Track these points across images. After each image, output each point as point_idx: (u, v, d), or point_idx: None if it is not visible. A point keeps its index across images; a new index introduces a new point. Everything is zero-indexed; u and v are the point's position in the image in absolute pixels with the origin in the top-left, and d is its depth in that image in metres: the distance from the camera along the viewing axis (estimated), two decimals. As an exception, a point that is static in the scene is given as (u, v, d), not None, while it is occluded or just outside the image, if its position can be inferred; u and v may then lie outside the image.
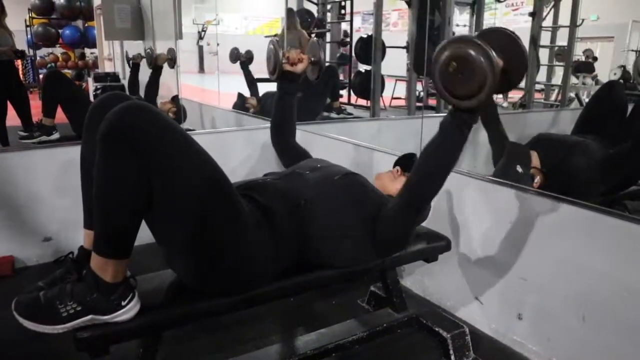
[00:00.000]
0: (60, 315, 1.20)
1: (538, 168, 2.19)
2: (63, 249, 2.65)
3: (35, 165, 2.64)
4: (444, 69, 1.25)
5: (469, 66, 1.21)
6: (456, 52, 1.22)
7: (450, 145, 1.38)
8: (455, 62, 1.22)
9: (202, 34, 9.66)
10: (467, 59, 1.21)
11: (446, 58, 1.24)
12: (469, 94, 1.24)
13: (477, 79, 1.21)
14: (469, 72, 1.21)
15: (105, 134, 1.14)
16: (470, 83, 1.22)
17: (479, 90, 1.22)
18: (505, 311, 1.95)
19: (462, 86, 1.24)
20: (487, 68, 1.19)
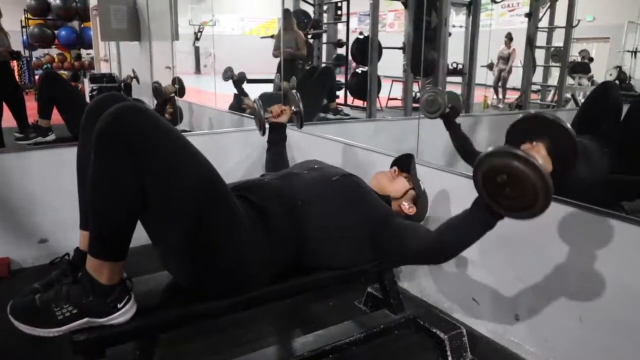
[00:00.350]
0: (56, 318, 1.20)
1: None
2: (59, 251, 2.57)
3: (31, 167, 2.63)
4: (491, 177, 1.19)
5: (521, 186, 1.14)
6: (507, 166, 1.14)
7: (476, 230, 1.37)
8: (506, 175, 1.15)
9: (198, 35, 9.66)
10: (520, 178, 1.13)
11: (496, 167, 1.16)
12: (515, 209, 1.21)
13: (526, 200, 1.16)
14: (519, 191, 1.15)
15: (100, 135, 1.14)
16: (518, 201, 1.17)
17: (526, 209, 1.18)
18: (502, 312, 1.95)
19: (509, 201, 1.19)
20: (541, 192, 1.12)
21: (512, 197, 1.17)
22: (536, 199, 1.14)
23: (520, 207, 1.19)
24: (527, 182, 1.12)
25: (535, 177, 1.11)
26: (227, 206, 1.31)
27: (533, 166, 1.11)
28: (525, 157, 1.11)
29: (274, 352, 1.76)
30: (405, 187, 1.81)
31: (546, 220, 1.78)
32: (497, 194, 1.21)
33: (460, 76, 7.24)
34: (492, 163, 1.17)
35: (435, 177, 2.19)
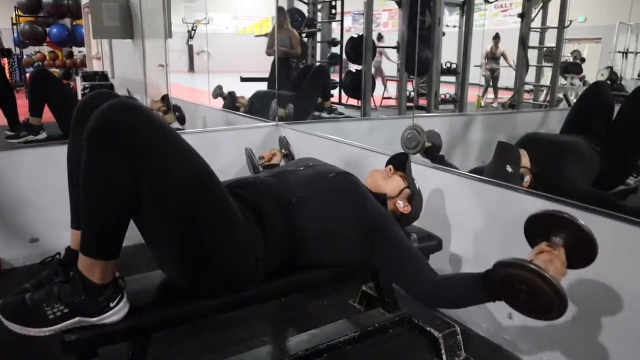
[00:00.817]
0: (47, 317, 1.18)
1: (527, 167, 2.20)
2: (50, 250, 2.54)
3: (22, 165, 2.60)
4: (511, 283, 1.23)
5: (536, 297, 1.18)
6: (529, 279, 1.18)
7: (474, 298, 1.41)
8: (525, 285, 1.19)
9: (192, 33, 9.63)
10: (538, 292, 1.17)
11: (518, 276, 1.21)
12: (525, 311, 1.27)
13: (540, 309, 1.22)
14: (535, 301, 1.20)
15: (91, 132, 1.12)
16: (531, 309, 1.24)
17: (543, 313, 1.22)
18: (496, 310, 1.95)
19: (523, 305, 1.25)
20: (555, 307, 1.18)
21: (526, 302, 1.23)
22: (550, 310, 1.19)
23: (532, 312, 1.25)
24: (544, 297, 1.17)
25: (552, 294, 1.16)
26: (222, 204, 1.30)
27: (551, 285, 1.15)
28: (542, 274, 1.16)
29: (268, 351, 1.75)
30: (400, 186, 1.80)
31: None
32: (512, 296, 1.26)
33: (454, 75, 7.26)
34: (512, 272, 1.23)
35: (430, 175, 2.19)
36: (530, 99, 6.93)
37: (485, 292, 1.34)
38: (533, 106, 6.71)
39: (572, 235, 1.27)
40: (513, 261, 1.23)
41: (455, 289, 1.44)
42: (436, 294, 1.47)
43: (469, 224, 2.05)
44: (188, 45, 11.26)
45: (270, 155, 2.26)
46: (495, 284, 1.29)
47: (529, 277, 1.18)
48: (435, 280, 1.47)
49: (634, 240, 1.58)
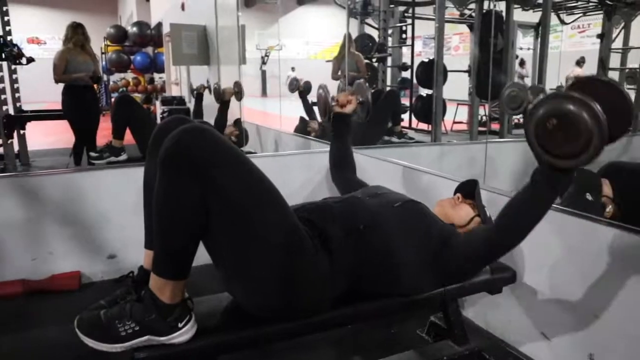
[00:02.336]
0: (119, 334, 1.22)
1: (610, 197, 2.06)
2: (126, 267, 2.72)
3: (103, 185, 2.75)
4: (541, 126, 1.17)
5: (573, 124, 1.12)
6: (557, 109, 1.14)
7: (539, 202, 1.33)
8: (555, 119, 1.14)
9: (265, 59, 9.93)
10: (570, 116, 1.12)
11: (544, 114, 1.16)
12: (571, 153, 1.16)
13: (581, 138, 1.12)
14: (573, 131, 1.12)
15: (165, 156, 1.16)
16: (574, 142, 1.13)
17: (582, 150, 1.13)
18: (575, 350, 1.83)
19: (563, 145, 1.16)
20: (594, 126, 1.10)
21: (565, 142, 1.14)
22: (590, 140, 1.11)
23: (582, 146, 1.13)
24: (580, 122, 1.10)
25: (582, 108, 1.10)
26: (292, 229, 1.30)
27: (575, 98, 1.10)
28: (567, 94, 1.13)
29: (332, 379, 1.73)
30: (469, 215, 1.75)
31: (626, 254, 1.68)
32: (551, 142, 1.18)
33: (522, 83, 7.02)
34: (537, 112, 1.17)
35: (501, 202, 2.10)
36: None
37: (543, 181, 1.27)
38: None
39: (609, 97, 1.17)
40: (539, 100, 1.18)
41: (515, 212, 1.38)
42: (505, 230, 1.42)
43: (545, 256, 1.94)
44: (261, 70, 11.60)
45: (344, 100, 2.08)
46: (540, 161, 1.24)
47: (559, 103, 1.13)
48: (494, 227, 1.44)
49: None
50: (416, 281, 1.55)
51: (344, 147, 2.12)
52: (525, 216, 1.37)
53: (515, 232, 1.41)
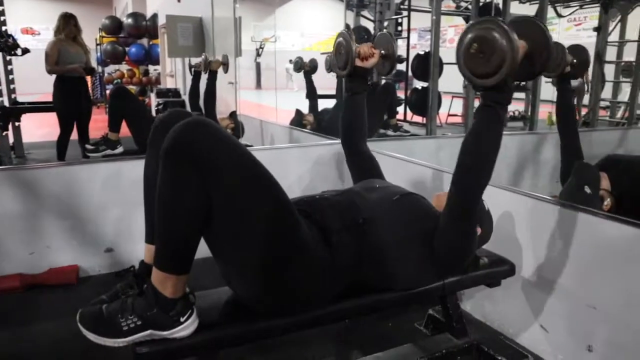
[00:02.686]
0: (121, 328, 1.22)
1: (608, 190, 2.07)
2: (124, 260, 2.72)
3: (100, 178, 2.74)
4: (466, 50, 1.33)
5: (489, 45, 1.27)
6: (478, 34, 1.30)
7: (485, 126, 1.38)
8: (476, 43, 1.30)
9: (259, 51, 9.89)
10: (487, 39, 1.28)
11: (469, 40, 1.32)
12: (489, 72, 1.30)
13: (496, 57, 1.27)
14: (489, 51, 1.27)
15: (167, 151, 1.16)
16: (490, 62, 1.28)
17: (498, 68, 1.27)
18: (573, 341, 1.84)
19: (483, 65, 1.30)
20: (507, 46, 1.25)
21: (485, 60, 1.29)
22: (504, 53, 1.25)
23: (497, 64, 1.27)
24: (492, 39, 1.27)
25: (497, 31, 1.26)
26: (293, 224, 1.30)
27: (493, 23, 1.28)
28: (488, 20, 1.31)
29: (332, 372, 1.73)
30: (469, 208, 1.75)
31: (623, 245, 1.69)
32: (473, 63, 1.32)
33: (524, 92, 7.03)
34: (464, 38, 1.34)
35: (500, 196, 2.12)
36: (607, 116, 6.59)
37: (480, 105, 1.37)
38: (609, 124, 6.38)
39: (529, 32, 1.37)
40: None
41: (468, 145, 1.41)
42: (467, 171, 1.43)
43: (543, 248, 1.96)
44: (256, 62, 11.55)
45: (368, 51, 1.80)
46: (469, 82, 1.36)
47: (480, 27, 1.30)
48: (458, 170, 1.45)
49: None
50: (416, 275, 1.56)
51: (358, 106, 1.91)
52: (481, 142, 1.39)
53: (479, 161, 1.41)
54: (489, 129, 1.38)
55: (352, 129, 1.93)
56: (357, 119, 1.93)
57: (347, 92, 1.91)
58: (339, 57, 1.81)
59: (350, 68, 1.79)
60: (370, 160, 1.92)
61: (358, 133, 1.94)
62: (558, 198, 2.04)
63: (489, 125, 1.37)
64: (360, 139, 1.94)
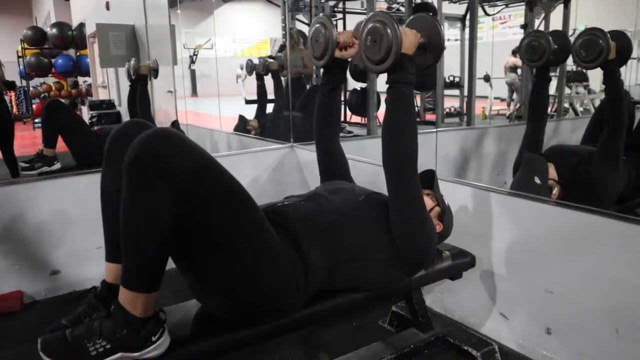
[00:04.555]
0: (89, 354, 1.15)
1: (555, 179, 2.17)
2: (72, 282, 2.58)
3: (40, 197, 2.58)
4: (364, 43, 1.52)
5: (379, 34, 1.46)
6: (370, 27, 1.50)
7: (394, 104, 1.52)
8: (370, 35, 1.50)
9: (193, 58, 9.69)
10: (378, 29, 1.47)
11: (365, 34, 1.51)
12: (383, 57, 1.48)
13: (384, 43, 1.46)
14: (379, 39, 1.46)
15: (132, 163, 1.11)
16: (381, 47, 1.47)
17: (388, 51, 1.46)
18: (533, 326, 1.92)
19: (377, 53, 1.48)
20: (392, 33, 1.44)
21: (377, 48, 1.48)
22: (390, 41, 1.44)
23: (386, 50, 1.46)
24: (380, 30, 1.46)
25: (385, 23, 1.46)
26: (264, 232, 1.28)
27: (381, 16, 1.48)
28: (377, 15, 1.50)
29: (304, 378, 1.72)
30: (429, 205, 1.77)
31: (574, 231, 1.77)
32: (369, 52, 1.52)
33: (458, 89, 7.26)
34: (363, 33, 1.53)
35: (457, 190, 2.17)
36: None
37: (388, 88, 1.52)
38: (540, 116, 6.68)
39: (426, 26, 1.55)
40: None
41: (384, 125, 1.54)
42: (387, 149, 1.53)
43: (499, 239, 2.02)
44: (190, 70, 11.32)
45: (346, 41, 1.65)
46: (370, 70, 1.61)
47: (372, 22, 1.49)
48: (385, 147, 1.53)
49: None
50: (384, 275, 1.56)
51: (334, 102, 1.86)
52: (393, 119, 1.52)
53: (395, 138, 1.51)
54: (397, 106, 1.51)
55: (328, 125, 1.86)
56: (332, 114, 1.88)
57: (324, 86, 1.81)
58: (315, 45, 1.68)
59: (329, 58, 1.68)
60: (341, 159, 1.89)
61: (332, 130, 1.89)
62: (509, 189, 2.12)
63: (396, 103, 1.51)
64: (334, 136, 1.89)
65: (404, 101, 1.51)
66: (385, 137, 1.51)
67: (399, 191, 1.52)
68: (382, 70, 1.51)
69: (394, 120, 1.51)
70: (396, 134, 1.51)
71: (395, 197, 1.52)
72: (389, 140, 1.51)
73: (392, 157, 1.51)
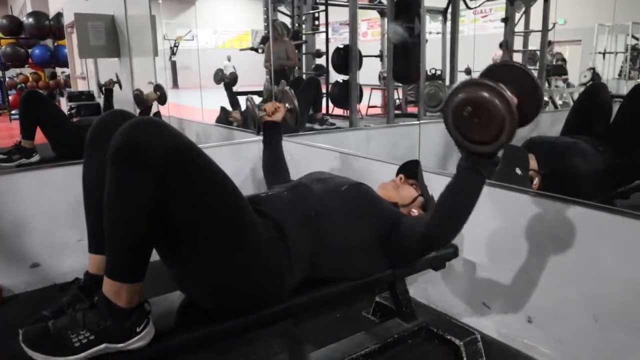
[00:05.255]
0: (73, 345, 1.14)
1: (536, 170, 2.20)
2: (52, 275, 2.55)
3: (19, 189, 2.54)
4: (458, 113, 1.20)
5: (485, 111, 1.15)
6: (471, 96, 1.17)
7: (469, 188, 1.35)
8: (470, 106, 1.17)
9: (174, 50, 9.59)
10: (483, 104, 1.15)
11: (461, 101, 1.19)
12: (486, 140, 1.20)
13: (495, 124, 1.16)
14: (486, 117, 1.16)
15: (116, 153, 1.09)
16: (488, 128, 1.17)
17: (496, 134, 1.17)
18: (515, 315, 1.94)
19: (479, 132, 1.19)
20: (505, 112, 1.13)
21: (482, 126, 1.17)
22: (503, 120, 1.14)
23: (496, 131, 1.17)
24: (490, 106, 1.14)
25: (495, 98, 1.13)
26: (250, 222, 1.28)
27: (487, 85, 1.13)
28: (479, 81, 1.15)
29: (289, 368, 1.72)
30: (412, 195, 1.80)
31: (555, 221, 1.80)
32: (468, 129, 1.21)
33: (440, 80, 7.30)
34: (454, 99, 1.20)
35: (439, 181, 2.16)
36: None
37: (466, 167, 1.31)
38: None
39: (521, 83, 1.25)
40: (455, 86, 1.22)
41: (450, 198, 1.38)
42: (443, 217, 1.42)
43: (482, 229, 2.04)
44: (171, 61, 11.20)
45: (272, 108, 2.08)
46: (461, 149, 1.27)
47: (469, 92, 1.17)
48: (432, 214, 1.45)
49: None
50: (369, 264, 1.58)
51: (275, 151, 2.09)
52: (458, 203, 1.38)
53: (451, 219, 1.42)
54: (472, 192, 1.35)
55: (275, 171, 2.04)
56: (277, 162, 2.07)
57: (264, 143, 2.10)
58: (249, 117, 2.05)
59: (259, 127, 2.07)
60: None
61: (280, 173, 2.04)
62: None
63: (472, 188, 1.34)
64: (282, 176, 2.03)
65: (480, 188, 1.34)
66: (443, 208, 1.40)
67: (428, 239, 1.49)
68: (480, 152, 1.25)
69: (462, 204, 1.37)
70: (455, 214, 1.40)
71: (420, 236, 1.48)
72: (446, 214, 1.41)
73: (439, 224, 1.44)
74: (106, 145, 1.12)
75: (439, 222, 1.43)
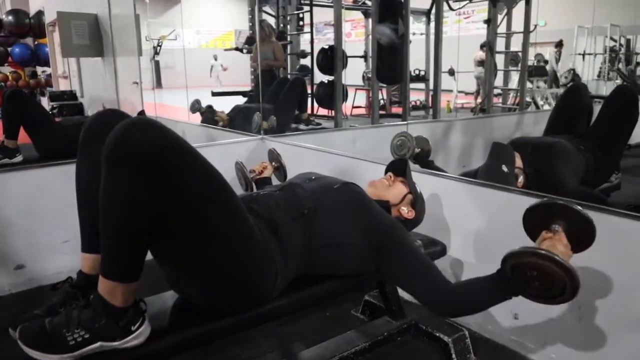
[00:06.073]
0: (68, 343, 1.14)
1: (521, 168, 2.25)
2: (37, 277, 2.52)
3: (2, 190, 2.50)
4: (522, 272, 1.29)
5: (550, 277, 1.24)
6: (537, 263, 1.24)
7: (490, 301, 1.45)
8: (536, 271, 1.25)
9: (157, 49, 9.53)
10: (547, 271, 1.23)
11: (526, 264, 1.27)
12: (541, 297, 1.31)
13: (554, 290, 1.26)
14: (549, 281, 1.25)
15: (111, 153, 1.09)
16: (547, 291, 1.27)
17: (552, 298, 1.29)
18: (501, 312, 1.97)
19: (537, 289, 1.28)
20: (567, 279, 1.22)
21: (540, 288, 1.28)
22: (564, 290, 1.24)
23: (548, 297, 1.29)
24: (556, 277, 1.22)
25: (563, 273, 1.21)
26: (243, 221, 1.29)
27: (560, 265, 1.21)
28: (551, 257, 1.21)
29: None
30: (402, 192, 1.81)
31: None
32: (525, 286, 1.31)
33: (423, 82, 7.37)
34: (521, 261, 1.28)
35: (426, 181, 2.21)
36: (500, 103, 7.08)
37: (500, 291, 1.37)
38: (502, 110, 6.86)
39: (570, 221, 1.33)
40: (520, 250, 1.28)
41: (471, 295, 1.47)
42: (453, 303, 1.49)
43: (469, 228, 2.08)
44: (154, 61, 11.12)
45: (260, 168, 2.23)
46: (507, 279, 1.34)
47: (538, 261, 1.23)
48: (450, 289, 1.49)
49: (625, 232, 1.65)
50: (359, 261, 1.59)
51: None
52: (474, 299, 1.47)
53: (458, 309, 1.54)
54: (491, 302, 1.45)
55: None
56: None
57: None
58: (241, 181, 2.17)
59: (251, 187, 2.14)
60: None
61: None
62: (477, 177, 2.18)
63: (492, 301, 1.43)
64: None
65: (492, 304, 1.46)
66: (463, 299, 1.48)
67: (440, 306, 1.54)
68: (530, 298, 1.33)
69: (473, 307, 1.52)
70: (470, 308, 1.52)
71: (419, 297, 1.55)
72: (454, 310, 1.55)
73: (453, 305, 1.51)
74: (100, 144, 1.12)
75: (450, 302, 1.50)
